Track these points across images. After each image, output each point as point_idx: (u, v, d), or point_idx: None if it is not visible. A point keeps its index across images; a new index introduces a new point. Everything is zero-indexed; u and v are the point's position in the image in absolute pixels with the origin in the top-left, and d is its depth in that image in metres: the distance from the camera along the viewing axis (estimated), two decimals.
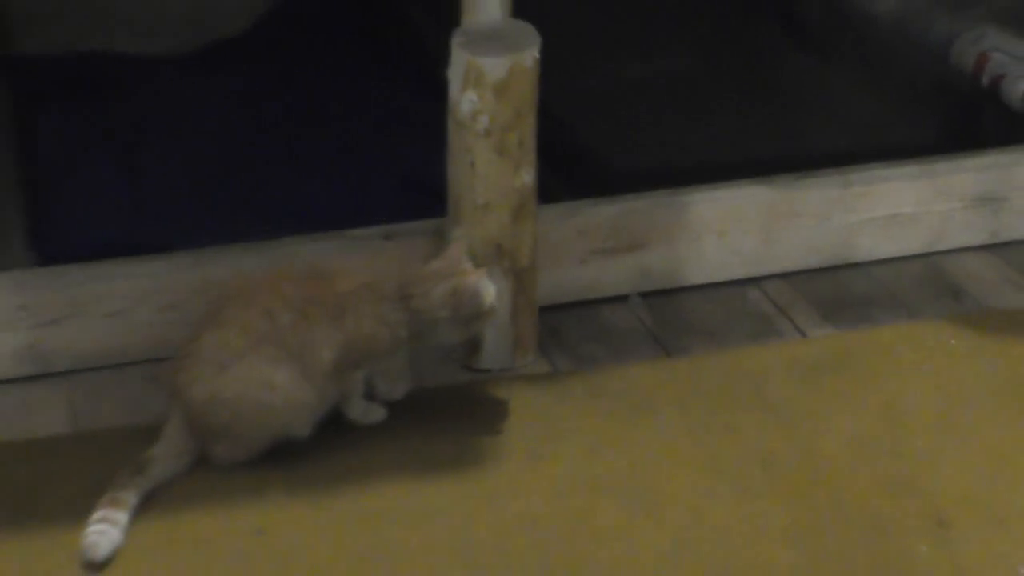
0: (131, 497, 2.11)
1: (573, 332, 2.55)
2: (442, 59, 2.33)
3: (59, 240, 2.64)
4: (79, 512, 2.07)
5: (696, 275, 2.66)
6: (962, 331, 2.56)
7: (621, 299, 2.63)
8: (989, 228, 2.78)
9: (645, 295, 2.64)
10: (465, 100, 2.30)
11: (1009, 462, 2.28)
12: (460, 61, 2.30)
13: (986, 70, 2.97)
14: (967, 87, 2.99)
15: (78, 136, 2.98)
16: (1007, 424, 2.35)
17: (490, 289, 2.24)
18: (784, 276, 2.69)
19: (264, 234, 2.52)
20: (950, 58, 3.07)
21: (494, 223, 2.37)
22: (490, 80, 2.29)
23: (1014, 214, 2.78)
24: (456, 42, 2.31)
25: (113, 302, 2.42)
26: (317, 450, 2.24)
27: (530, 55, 2.30)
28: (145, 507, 2.12)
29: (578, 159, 2.85)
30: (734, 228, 2.65)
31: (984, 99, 2.93)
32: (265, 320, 2.20)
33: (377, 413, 2.32)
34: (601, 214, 2.59)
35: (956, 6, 3.32)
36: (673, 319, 2.59)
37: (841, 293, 2.66)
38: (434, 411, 2.36)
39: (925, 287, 2.68)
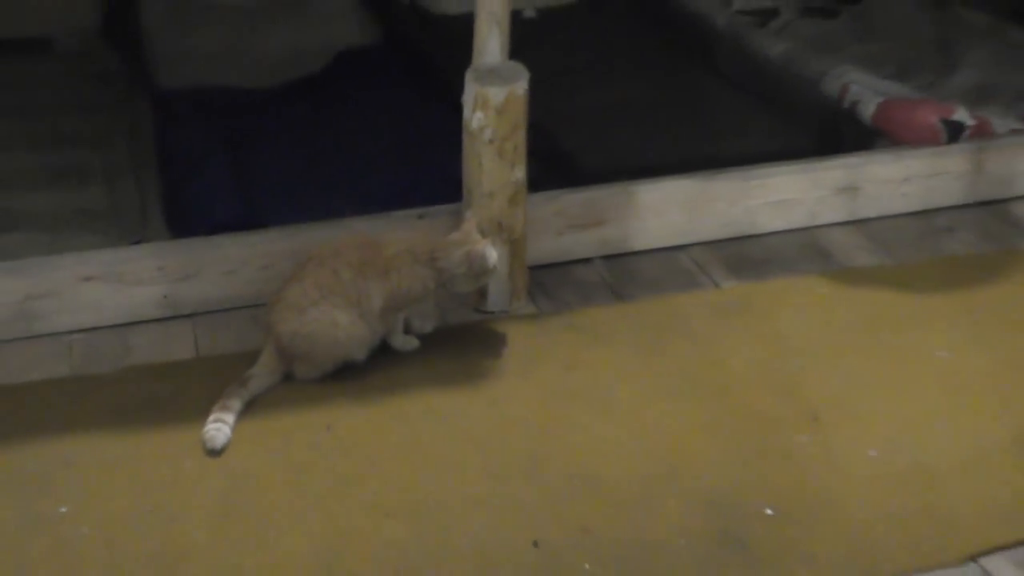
0: (237, 403, 2.10)
1: (553, 284, 2.52)
2: (459, 90, 2.31)
3: (187, 220, 2.62)
4: (202, 414, 2.07)
5: (641, 243, 2.62)
6: (830, 283, 2.54)
7: (587, 261, 2.59)
8: (848, 209, 2.74)
9: (605, 258, 2.60)
10: (475, 118, 2.29)
11: (863, 374, 2.25)
12: (471, 90, 2.28)
13: (847, 97, 2.95)
14: (833, 109, 2.96)
15: (202, 146, 2.96)
16: (862, 348, 2.33)
17: (493, 253, 2.23)
18: (704, 244, 2.65)
19: (333, 214, 2.50)
20: (821, 88, 3.04)
21: (496, 206, 2.34)
22: (493, 103, 2.27)
23: (866, 200, 2.74)
24: (469, 77, 2.29)
25: (226, 264, 2.40)
26: (370, 369, 2.23)
27: (521, 86, 2.28)
28: (247, 411, 2.12)
29: (557, 160, 2.82)
30: (669, 209, 2.62)
31: (845, 118, 2.91)
32: (333, 277, 2.18)
33: (412, 343, 2.30)
34: (573, 200, 2.56)
35: (826, 51, 3.29)
36: (625, 275, 2.56)
37: (744, 256, 2.63)
38: (453, 341, 2.34)
39: (804, 252, 2.65)
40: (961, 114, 2.80)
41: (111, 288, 2.34)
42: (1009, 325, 2.39)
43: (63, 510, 1.92)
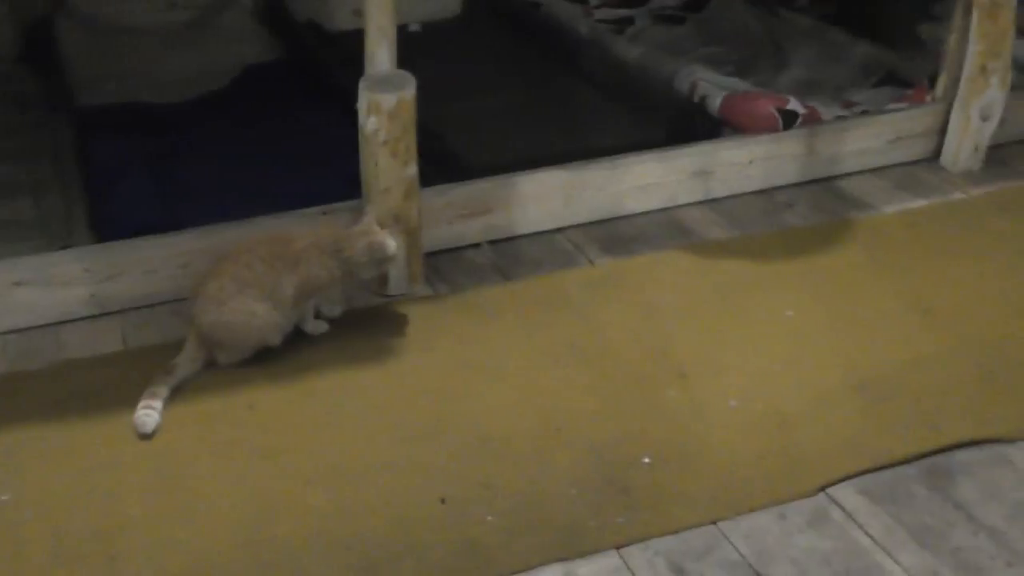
0: (164, 390, 2.02)
1: (447, 268, 2.48)
2: (354, 98, 2.25)
3: (111, 226, 2.51)
4: (131, 402, 1.99)
5: (524, 228, 2.59)
6: (690, 256, 2.54)
7: (476, 246, 2.55)
8: (703, 190, 2.74)
9: (492, 242, 2.56)
10: (369, 123, 2.23)
11: (722, 334, 2.26)
12: (365, 97, 2.22)
13: (696, 93, 2.95)
14: (685, 104, 2.97)
15: (122, 158, 2.84)
16: (720, 311, 2.33)
17: (392, 242, 2.18)
18: (579, 226, 2.63)
19: (245, 215, 2.42)
20: (674, 86, 3.04)
21: (392, 201, 2.29)
22: (385, 108, 2.22)
23: (717, 181, 2.75)
24: (362, 85, 2.23)
25: (147, 264, 2.30)
26: (285, 353, 2.16)
27: (409, 91, 2.23)
28: (175, 396, 2.04)
29: (446, 158, 2.77)
30: (547, 197, 2.59)
31: (696, 111, 2.91)
32: (247, 270, 2.11)
33: (322, 327, 2.24)
34: (461, 192, 2.52)
35: (676, 53, 3.30)
36: (510, 257, 2.53)
37: (615, 235, 2.61)
38: (359, 323, 2.29)
39: (667, 229, 2.64)
40: (794, 104, 2.83)
41: (41, 291, 2.23)
42: (843, 286, 2.42)
43: (5, 498, 1.83)
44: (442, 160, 2.71)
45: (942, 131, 2.90)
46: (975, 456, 1.96)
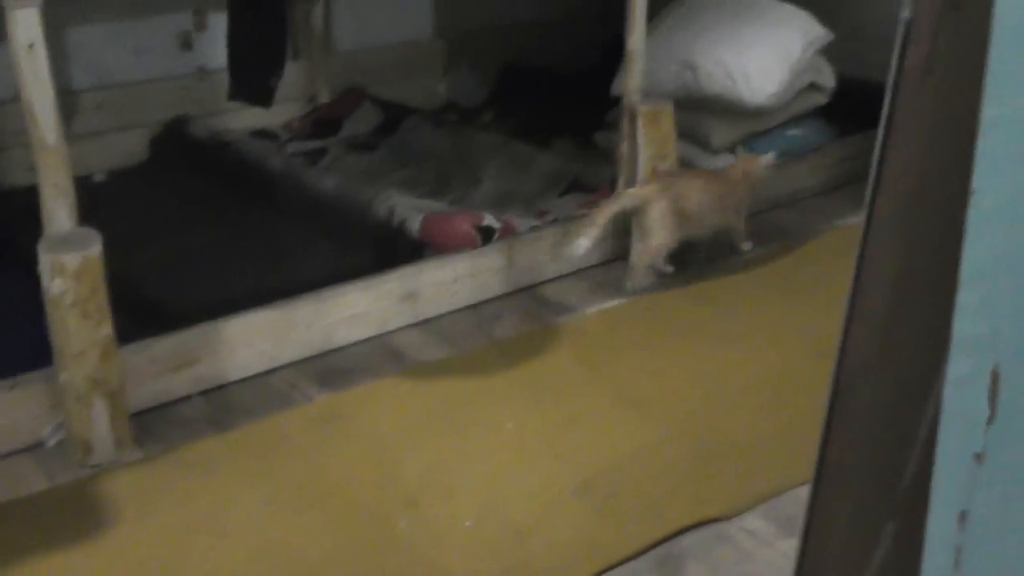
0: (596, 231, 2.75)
1: (157, 426, 2.34)
2: (35, 258, 2.11)
3: None
4: None
5: (235, 373, 2.50)
6: (408, 380, 2.53)
7: (187, 399, 2.43)
8: (412, 313, 2.76)
9: (203, 393, 2.45)
10: (54, 285, 2.09)
11: (448, 455, 2.25)
12: (46, 260, 2.09)
13: (394, 217, 2.98)
14: (385, 229, 2.98)
15: None
16: (443, 432, 2.33)
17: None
18: (292, 364, 2.57)
19: None
20: (373, 211, 3.06)
21: (89, 364, 2.16)
22: (70, 269, 2.09)
23: (425, 303, 2.77)
24: (42, 247, 2.10)
25: None
26: None
27: (95, 249, 2.12)
28: None
29: (146, 309, 2.64)
30: (255, 338, 2.52)
31: (397, 235, 2.93)
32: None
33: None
34: (165, 345, 2.40)
35: (372, 179, 3.34)
36: (224, 406, 2.42)
37: (330, 369, 2.57)
38: (61, 502, 2.11)
39: (381, 356, 2.63)
40: (490, 220, 2.91)
41: None
42: (557, 390, 2.48)
43: None
44: (142, 312, 2.59)
45: (628, 231, 3.07)
46: (699, 538, 2.03)
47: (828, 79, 3.51)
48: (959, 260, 0.90)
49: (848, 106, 3.35)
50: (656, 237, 2.89)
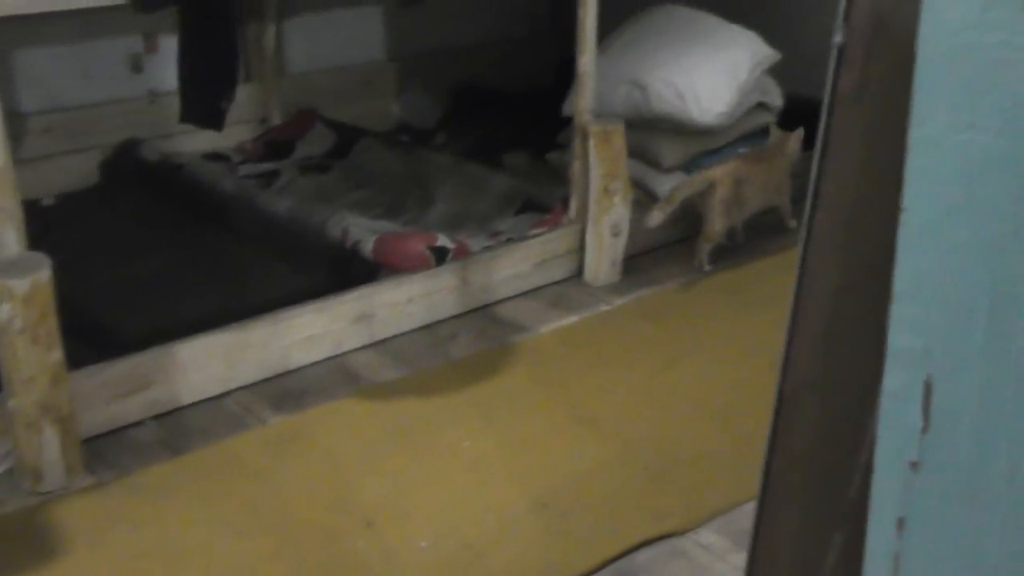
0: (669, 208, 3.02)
1: (109, 452, 2.33)
2: None
3: None
4: None
5: (188, 397, 2.49)
6: (364, 401, 2.54)
7: (140, 423, 2.42)
8: (367, 334, 2.76)
9: (156, 417, 2.44)
10: (3, 311, 2.08)
11: (405, 476, 2.26)
12: None
13: (348, 238, 2.99)
14: (339, 250, 2.99)
15: None
16: (399, 453, 2.34)
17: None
18: (246, 387, 2.56)
19: None
20: (326, 233, 3.06)
21: (39, 390, 2.14)
22: (18, 294, 2.07)
23: (380, 323, 2.78)
24: None
25: None
26: None
27: (44, 274, 2.11)
28: None
29: (97, 334, 2.62)
30: (209, 362, 2.51)
31: (351, 257, 2.94)
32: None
33: None
34: (116, 370, 2.39)
35: (326, 201, 3.34)
36: (177, 430, 2.41)
37: (285, 391, 2.57)
38: (9, 532, 2.09)
39: (336, 378, 2.63)
40: (443, 240, 2.93)
41: None
42: (512, 408, 2.50)
43: None
44: (93, 337, 2.57)
45: (581, 249, 3.10)
46: (654, 554, 2.05)
47: (776, 98, 3.58)
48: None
49: (796, 124, 3.40)
50: (714, 223, 3.10)
